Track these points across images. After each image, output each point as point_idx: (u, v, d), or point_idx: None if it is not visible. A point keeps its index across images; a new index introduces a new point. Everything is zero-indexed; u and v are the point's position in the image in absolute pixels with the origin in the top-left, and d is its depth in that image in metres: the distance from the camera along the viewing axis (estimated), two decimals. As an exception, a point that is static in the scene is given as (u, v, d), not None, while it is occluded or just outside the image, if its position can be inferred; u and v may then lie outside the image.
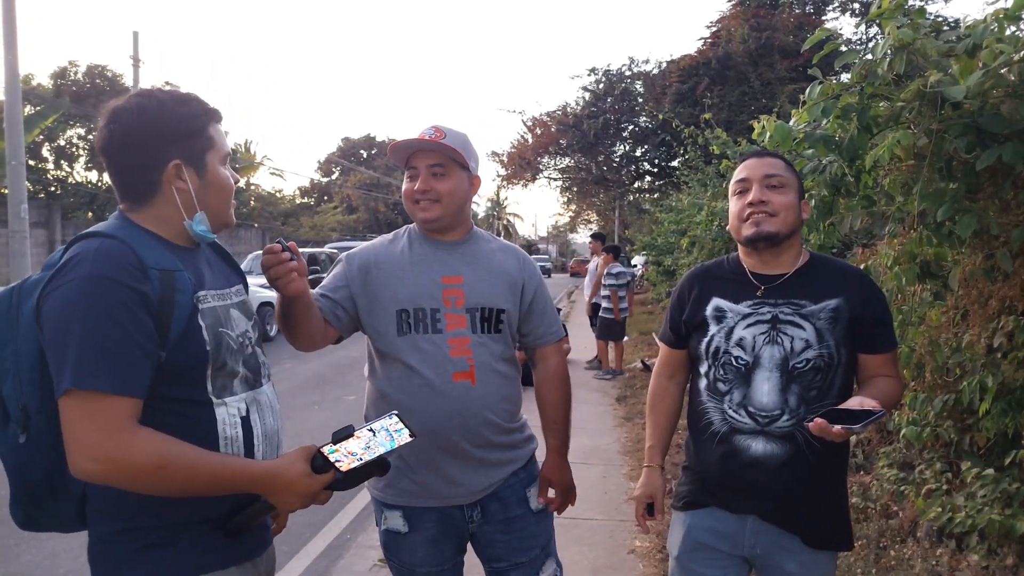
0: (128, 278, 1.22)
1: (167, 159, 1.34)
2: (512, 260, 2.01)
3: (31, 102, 18.79)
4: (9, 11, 10.52)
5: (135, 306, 1.21)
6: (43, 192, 24.31)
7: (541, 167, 27.88)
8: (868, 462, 4.10)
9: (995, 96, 1.93)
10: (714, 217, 6.55)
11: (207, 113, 1.40)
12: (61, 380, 1.18)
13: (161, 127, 1.33)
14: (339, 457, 1.32)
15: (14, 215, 10.83)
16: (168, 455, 1.20)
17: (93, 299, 1.19)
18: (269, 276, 1.60)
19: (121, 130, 1.32)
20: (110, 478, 1.19)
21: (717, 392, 1.80)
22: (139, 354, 1.21)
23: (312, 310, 1.78)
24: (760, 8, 20.71)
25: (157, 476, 1.20)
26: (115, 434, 1.17)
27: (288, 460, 1.32)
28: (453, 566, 1.98)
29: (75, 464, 1.18)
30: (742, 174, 1.82)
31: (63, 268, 1.23)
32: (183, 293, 1.30)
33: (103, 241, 1.26)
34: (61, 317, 1.19)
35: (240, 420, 1.38)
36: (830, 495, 1.80)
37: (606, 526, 4.18)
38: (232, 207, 1.49)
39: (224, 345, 1.36)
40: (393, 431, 1.35)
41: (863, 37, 18.82)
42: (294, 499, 1.31)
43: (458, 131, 1.92)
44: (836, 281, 1.76)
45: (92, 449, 1.17)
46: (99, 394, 1.17)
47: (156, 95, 1.37)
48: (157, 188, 1.35)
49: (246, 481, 1.29)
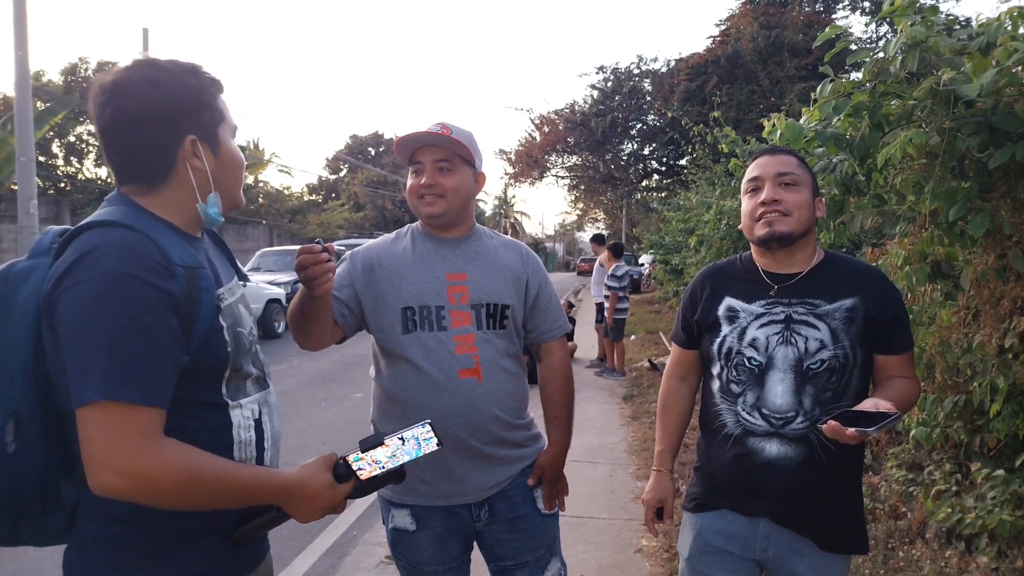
0: (154, 276, 1.12)
1: (182, 135, 1.23)
2: (515, 256, 2.00)
3: (41, 98, 18.87)
4: (20, 8, 10.57)
5: (162, 307, 1.12)
6: (53, 188, 24.46)
7: (548, 165, 27.90)
8: (877, 463, 4.08)
9: (1008, 94, 1.92)
10: (722, 216, 6.52)
11: (214, 84, 1.29)
12: (85, 390, 1.07)
13: (175, 99, 1.22)
14: (362, 465, 1.27)
15: (24, 211, 10.87)
16: (195, 469, 1.12)
17: (119, 300, 1.08)
18: (306, 275, 1.58)
19: (132, 105, 1.20)
20: (136, 494, 1.09)
21: (730, 394, 1.78)
22: (168, 361, 1.13)
23: (329, 310, 1.78)
24: (770, 6, 20.64)
25: (184, 491, 1.11)
26: (143, 449, 1.08)
27: (311, 470, 1.24)
28: (460, 564, 1.98)
29: (98, 479, 1.08)
30: (754, 172, 1.79)
31: (81, 262, 1.11)
32: (207, 292, 1.21)
33: (123, 233, 1.14)
34: (84, 319, 1.08)
35: (254, 423, 1.31)
36: (844, 497, 1.77)
37: (612, 525, 4.17)
38: (242, 186, 1.39)
39: (241, 345, 1.29)
40: (423, 439, 1.30)
41: (873, 35, 18.73)
42: (315, 510, 1.24)
43: (464, 128, 1.92)
44: (852, 280, 1.73)
45: (118, 464, 1.07)
46: (126, 405, 1.08)
47: (162, 65, 1.24)
48: (171, 168, 1.24)
49: (271, 492, 1.21)
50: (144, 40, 18.73)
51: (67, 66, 25.94)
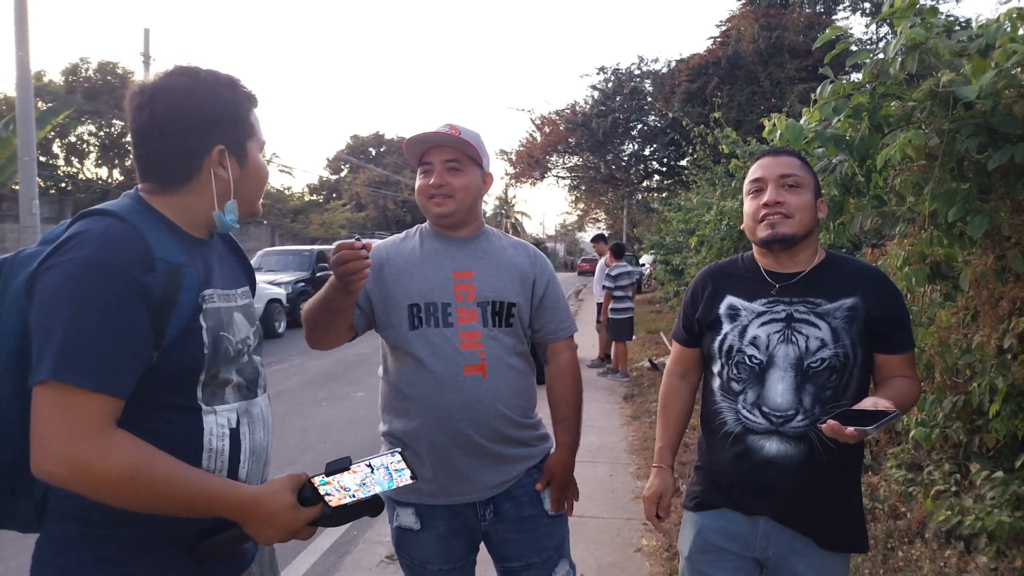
0: (132, 267, 1.12)
1: (212, 144, 1.26)
2: (523, 255, 2.02)
3: (43, 98, 18.87)
4: (21, 8, 10.58)
5: (134, 299, 1.11)
6: (54, 188, 24.46)
7: (549, 165, 27.91)
8: (877, 463, 4.09)
9: (1007, 96, 1.92)
10: (723, 216, 6.53)
11: (249, 99, 1.33)
12: (39, 367, 1.06)
13: (209, 110, 1.25)
14: (330, 490, 1.20)
15: (26, 211, 10.89)
16: (140, 466, 1.08)
17: (89, 284, 1.08)
18: (343, 270, 1.60)
19: (167, 111, 1.23)
20: (72, 483, 1.07)
21: (731, 392, 1.79)
22: (129, 352, 1.11)
23: (352, 307, 1.82)
24: (770, 7, 20.65)
25: (124, 488, 1.08)
26: (86, 436, 1.06)
27: (273, 488, 1.19)
28: (464, 565, 1.97)
29: (36, 463, 1.06)
30: (757, 173, 1.79)
31: (64, 245, 1.12)
32: (187, 291, 1.20)
33: (111, 222, 1.16)
34: (52, 298, 1.08)
35: (229, 432, 1.27)
36: (844, 496, 1.78)
37: (613, 524, 4.18)
38: (262, 196, 1.42)
39: (222, 351, 1.26)
40: (394, 470, 1.22)
41: (874, 36, 18.74)
42: (273, 532, 1.18)
43: (472, 129, 1.94)
44: (853, 279, 1.74)
45: (58, 449, 1.05)
46: (77, 389, 1.06)
47: (201, 75, 1.27)
48: (195, 174, 1.26)
49: (224, 506, 1.16)
50: (145, 40, 18.78)
51: (68, 66, 25.96)
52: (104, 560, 1.18)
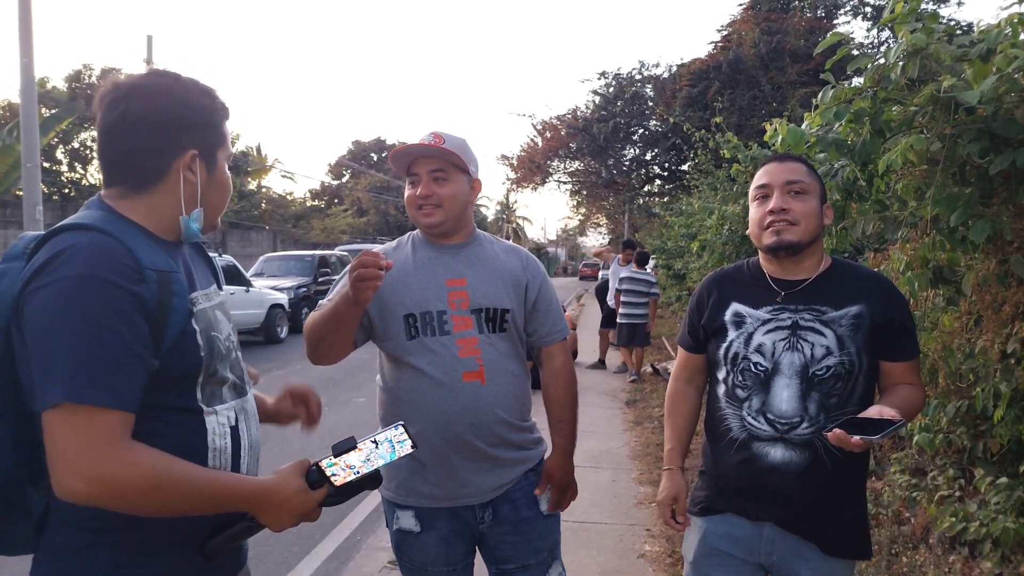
0: (124, 280, 1.11)
1: (184, 146, 1.25)
2: (515, 260, 2.03)
3: (46, 105, 18.97)
4: (25, 14, 10.62)
5: (131, 311, 1.11)
6: (57, 194, 24.54)
7: (551, 170, 27.89)
8: (880, 468, 4.08)
9: (1009, 101, 1.92)
10: (724, 221, 6.53)
11: (223, 109, 1.34)
12: (48, 392, 1.06)
13: (186, 112, 1.26)
14: (336, 471, 1.25)
15: (29, 217, 10.91)
16: (164, 473, 1.11)
17: (87, 302, 1.08)
18: (360, 275, 1.60)
19: (143, 107, 1.22)
20: (101, 499, 1.08)
21: (736, 398, 1.78)
22: (135, 364, 1.11)
23: (359, 320, 1.81)
24: (771, 12, 20.66)
25: (152, 496, 1.10)
26: (110, 452, 1.07)
27: (283, 476, 1.23)
28: (465, 566, 1.99)
29: (62, 483, 1.06)
30: (763, 179, 1.78)
31: (49, 264, 1.10)
32: (179, 296, 1.20)
33: (93, 236, 1.13)
34: (50, 321, 1.07)
35: (229, 430, 1.29)
36: (849, 503, 1.77)
37: (615, 530, 4.17)
38: (224, 211, 1.42)
39: (215, 350, 1.27)
40: (396, 442, 1.29)
41: (875, 41, 18.76)
42: (287, 518, 1.22)
43: (457, 136, 1.95)
44: (858, 287, 1.74)
45: (83, 467, 1.05)
46: (92, 408, 1.06)
47: (179, 78, 1.28)
48: (163, 175, 1.25)
49: (242, 499, 1.20)
50: (148, 47, 18.81)
51: (71, 73, 26.08)
52: (121, 564, 1.19)
